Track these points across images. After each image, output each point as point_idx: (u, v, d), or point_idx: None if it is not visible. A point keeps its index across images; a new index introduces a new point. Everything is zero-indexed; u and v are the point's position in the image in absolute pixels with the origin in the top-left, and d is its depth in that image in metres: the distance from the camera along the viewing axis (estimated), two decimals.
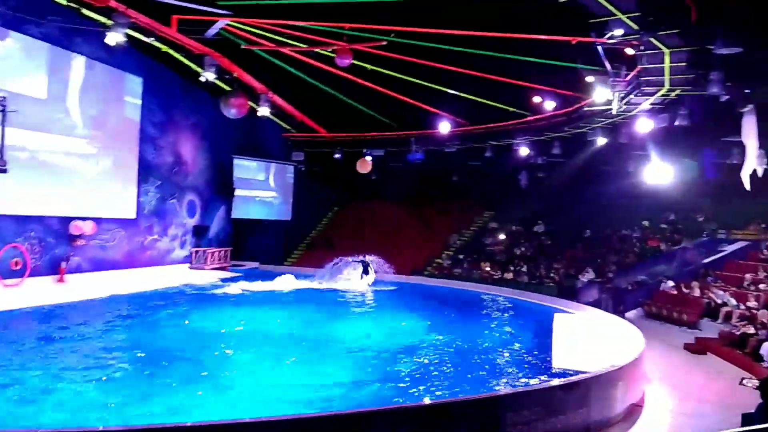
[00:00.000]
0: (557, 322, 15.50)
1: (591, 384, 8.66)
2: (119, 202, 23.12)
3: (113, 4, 17.33)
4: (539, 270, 25.26)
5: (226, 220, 30.26)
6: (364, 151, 29.46)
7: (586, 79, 18.34)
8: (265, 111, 24.92)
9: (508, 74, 20.85)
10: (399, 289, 23.35)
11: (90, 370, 10.28)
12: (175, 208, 26.53)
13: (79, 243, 20.96)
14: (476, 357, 12.56)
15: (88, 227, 21.04)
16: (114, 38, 17.48)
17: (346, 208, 34.93)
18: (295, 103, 28.41)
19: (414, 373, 11.02)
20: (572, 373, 9.95)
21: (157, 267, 24.90)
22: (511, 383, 10.59)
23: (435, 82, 22.78)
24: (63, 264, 20.18)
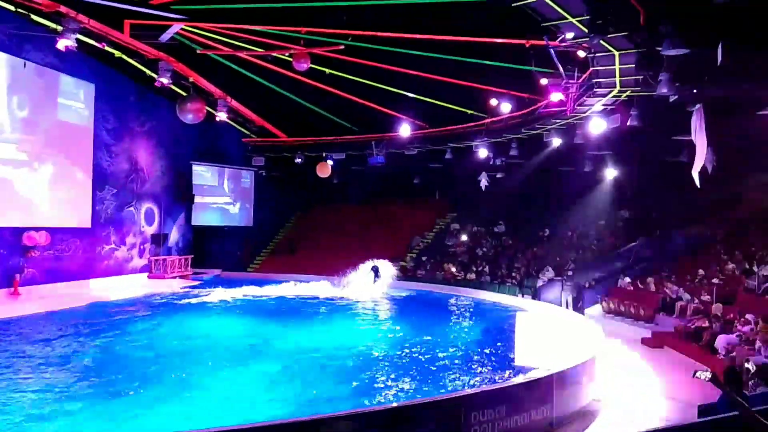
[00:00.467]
0: (519, 320, 15.68)
1: (552, 381, 8.80)
2: (74, 211, 22.54)
3: (63, 9, 16.91)
4: (501, 270, 25.56)
5: (186, 228, 29.79)
6: (324, 154, 29.36)
7: (540, 81, 18.66)
8: (222, 116, 24.64)
9: (465, 77, 21.07)
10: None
11: (46, 387, 9.97)
12: (133, 217, 25.99)
13: (33, 254, 20.36)
14: (440, 357, 12.66)
15: (42, 238, 20.45)
16: (64, 44, 17.06)
17: (308, 213, 34.75)
18: (254, 108, 28.15)
19: (379, 376, 11.03)
20: (534, 370, 10.10)
21: (115, 277, 24.35)
22: (475, 383, 10.70)
23: (394, 85, 22.86)
24: (17, 276, 19.57)
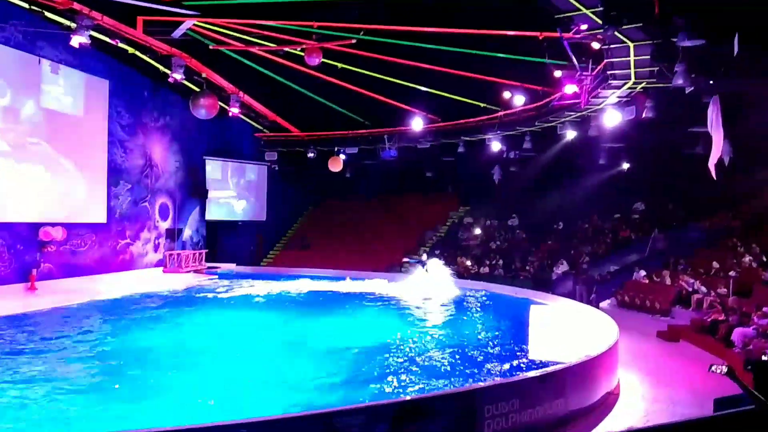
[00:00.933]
0: (533, 313, 15.67)
1: (567, 374, 8.78)
2: (89, 206, 22.76)
3: (76, 6, 17.03)
4: (514, 263, 25.48)
5: (200, 222, 29.98)
6: (337, 149, 29.37)
7: (554, 73, 18.54)
8: (235, 111, 24.72)
9: (478, 70, 20.98)
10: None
11: (65, 380, 10.09)
12: (147, 212, 26.19)
13: (50, 249, 20.59)
14: (456, 351, 12.67)
15: (58, 233, 20.67)
16: (78, 41, 17.19)
17: (321, 207, 34.83)
18: (266, 103, 28.23)
19: (396, 368, 11.07)
20: (548, 364, 10.08)
21: (130, 271, 24.59)
22: (489, 376, 10.70)
23: (406, 79, 22.82)
24: (33, 271, 19.80)
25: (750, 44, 11.64)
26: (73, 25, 17.17)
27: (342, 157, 29.40)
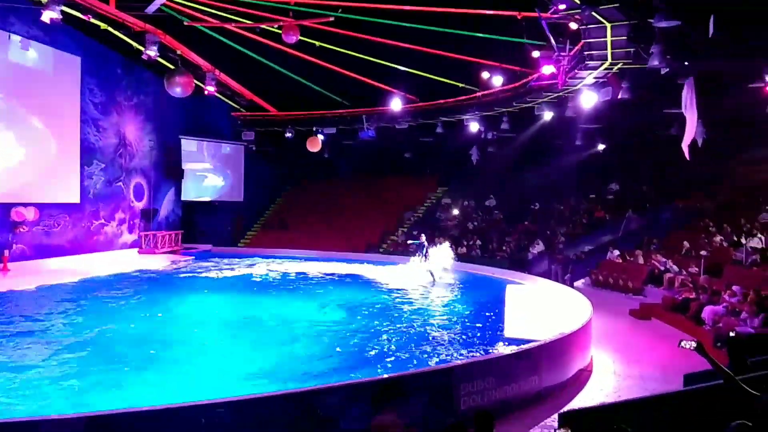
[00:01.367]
0: (509, 293, 15.83)
1: (542, 352, 8.92)
2: (62, 186, 22.36)
3: None
4: (491, 244, 25.69)
5: (176, 203, 29.66)
6: (315, 129, 29.15)
7: (532, 54, 18.56)
8: (211, 89, 24.32)
9: (456, 50, 20.91)
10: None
11: (35, 362, 9.99)
12: (122, 192, 25.83)
13: (22, 230, 20.24)
14: (433, 330, 12.79)
15: (30, 213, 20.31)
16: (49, 16, 16.74)
17: (299, 187, 34.63)
18: (243, 82, 27.86)
19: (372, 348, 11.13)
20: (524, 341, 10.23)
21: (105, 252, 24.28)
22: (466, 350, 10.83)
23: (384, 58, 22.65)
24: (5, 252, 19.46)
25: (725, 26, 11.76)
26: (45, 0, 16.70)
27: (320, 137, 29.20)
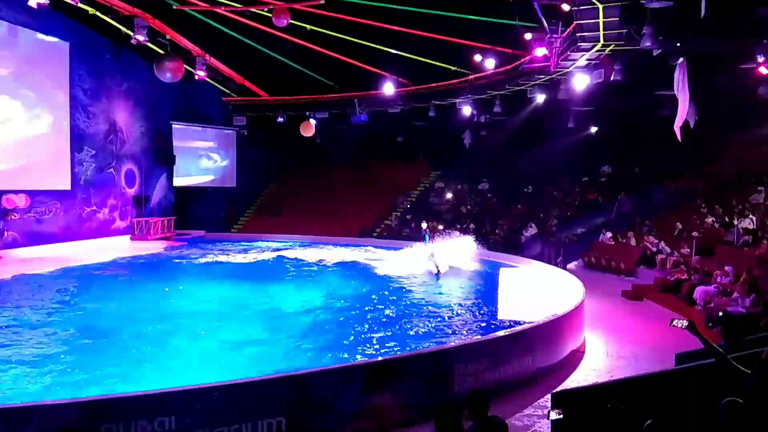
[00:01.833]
0: (503, 275, 15.94)
1: (535, 333, 8.99)
2: (53, 173, 22.20)
3: None
4: (485, 227, 25.73)
5: (168, 189, 29.50)
6: (308, 114, 28.98)
7: (524, 36, 18.48)
8: (201, 74, 24.11)
9: (448, 32, 20.79)
10: None
11: (31, 348, 9.98)
12: (113, 178, 25.67)
13: (13, 217, 20.13)
14: (428, 312, 12.84)
15: (21, 201, 20.19)
16: (36, 1, 16.54)
17: (292, 172, 34.48)
18: (234, 66, 27.62)
19: (367, 331, 11.18)
20: (517, 323, 10.30)
21: (97, 239, 24.17)
22: (460, 335, 10.89)
23: (376, 42, 22.50)
24: None
25: (717, 6, 11.73)
26: None
27: (313, 122, 29.04)
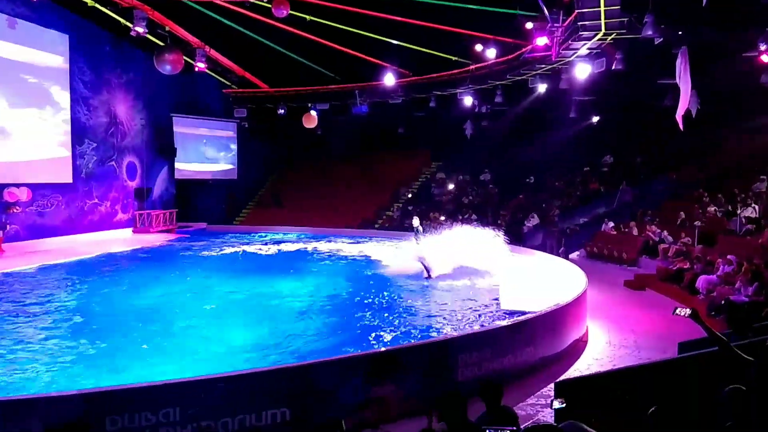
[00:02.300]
0: (505, 266, 15.89)
1: (538, 323, 8.99)
2: (54, 166, 22.20)
3: None
4: (486, 217, 25.72)
5: (169, 181, 29.51)
6: (309, 105, 28.90)
7: (525, 25, 18.40)
8: (201, 66, 24.02)
9: (449, 22, 20.70)
10: None
11: (35, 340, 10.02)
12: (115, 171, 25.67)
13: (15, 210, 20.15)
14: (430, 302, 12.86)
15: (23, 194, 20.21)
16: None
17: (293, 164, 34.47)
18: (234, 58, 27.54)
19: (367, 321, 11.21)
20: (520, 313, 10.31)
21: (99, 232, 24.22)
22: (461, 326, 10.91)
23: (377, 32, 22.41)
24: (0, 233, 19.40)
25: None
26: None
27: (314, 113, 28.93)
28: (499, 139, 28.52)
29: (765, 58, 14.83)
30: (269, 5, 19.60)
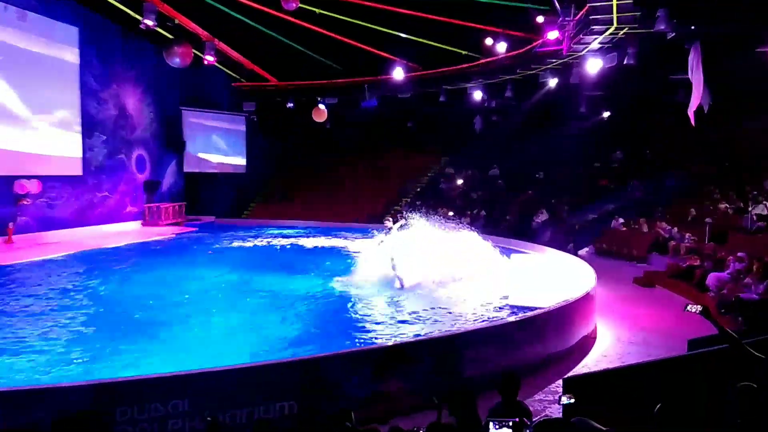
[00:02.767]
0: (514, 262, 15.89)
1: (546, 319, 8.96)
2: (64, 159, 22.30)
3: None
4: (495, 213, 25.65)
5: (178, 174, 29.60)
6: (318, 99, 28.84)
7: (536, 19, 18.28)
8: (210, 59, 24.03)
9: (459, 15, 20.61)
10: None
11: (47, 330, 10.08)
12: (124, 164, 25.77)
13: (25, 202, 20.27)
14: (438, 297, 12.82)
15: (33, 186, 20.33)
16: None
17: (301, 158, 34.47)
18: (243, 51, 27.54)
19: (374, 316, 11.20)
20: (528, 309, 10.27)
21: (108, 225, 24.33)
22: (470, 321, 10.88)
23: (386, 25, 22.33)
24: (10, 224, 19.52)
25: None
26: None
27: (323, 107, 28.87)
28: (508, 134, 28.40)
29: None
30: None
